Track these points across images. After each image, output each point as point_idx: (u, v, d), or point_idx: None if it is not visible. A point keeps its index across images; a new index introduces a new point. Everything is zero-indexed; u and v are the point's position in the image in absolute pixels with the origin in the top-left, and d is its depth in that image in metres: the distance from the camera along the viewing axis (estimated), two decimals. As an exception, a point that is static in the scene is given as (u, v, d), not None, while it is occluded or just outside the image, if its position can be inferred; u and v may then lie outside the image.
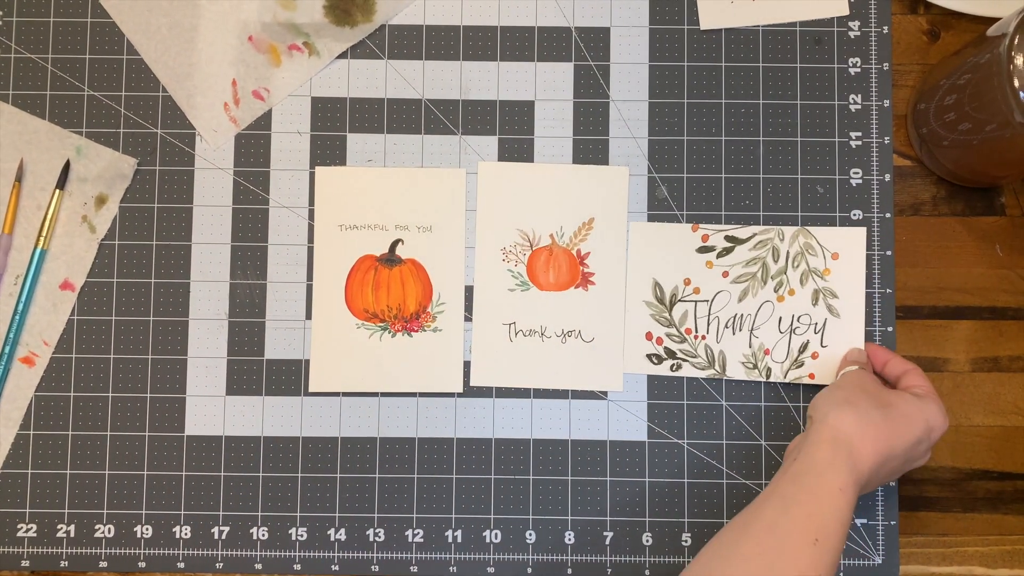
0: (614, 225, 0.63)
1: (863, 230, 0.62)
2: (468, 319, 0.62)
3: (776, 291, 0.62)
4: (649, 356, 0.62)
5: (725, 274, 0.62)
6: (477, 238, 0.63)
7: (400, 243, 0.63)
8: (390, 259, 0.63)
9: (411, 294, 0.62)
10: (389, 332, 0.62)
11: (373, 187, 0.63)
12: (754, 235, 0.62)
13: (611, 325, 0.62)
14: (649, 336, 0.62)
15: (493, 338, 0.62)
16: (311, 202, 0.63)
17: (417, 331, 0.62)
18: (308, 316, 0.62)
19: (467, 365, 0.62)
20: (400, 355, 0.62)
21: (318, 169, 0.63)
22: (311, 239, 0.63)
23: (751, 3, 0.64)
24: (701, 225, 0.62)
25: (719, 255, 0.62)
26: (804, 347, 0.61)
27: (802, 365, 0.61)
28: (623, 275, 0.62)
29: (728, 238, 0.62)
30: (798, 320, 0.62)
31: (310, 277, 0.63)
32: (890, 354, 0.60)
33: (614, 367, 0.62)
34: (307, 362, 0.62)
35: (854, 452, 0.50)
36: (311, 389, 0.62)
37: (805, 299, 0.62)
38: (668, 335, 0.62)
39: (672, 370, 0.62)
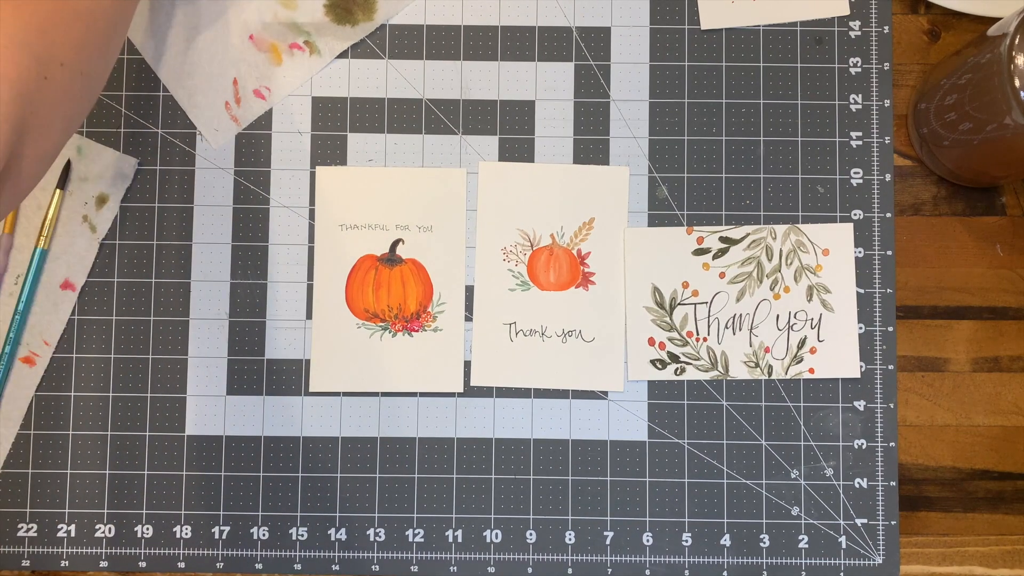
0: (614, 225, 0.63)
1: (851, 226, 0.62)
2: (468, 319, 0.62)
3: (772, 289, 0.62)
4: (653, 362, 0.62)
5: (722, 275, 0.62)
6: (477, 238, 0.63)
7: (401, 243, 0.63)
8: (391, 259, 0.63)
9: (411, 294, 0.62)
10: (390, 332, 0.62)
11: (373, 187, 0.63)
12: (747, 235, 0.62)
13: (612, 325, 0.62)
14: (652, 341, 0.62)
15: (493, 338, 0.62)
16: (311, 202, 0.63)
17: (417, 331, 0.62)
18: (308, 316, 0.62)
19: (467, 365, 0.62)
20: (401, 355, 0.62)
21: (318, 169, 0.63)
22: (311, 239, 0.63)
23: (752, 3, 0.64)
24: (695, 227, 0.63)
25: (715, 256, 0.62)
26: (802, 343, 0.62)
27: (801, 361, 0.61)
28: (623, 275, 0.62)
29: (722, 239, 0.62)
30: (795, 317, 0.62)
31: (311, 277, 0.63)
32: None
33: (615, 367, 0.62)
34: (307, 362, 0.62)
35: None
36: (311, 389, 0.62)
37: (800, 296, 0.62)
38: (670, 339, 0.62)
39: (676, 374, 0.62)
